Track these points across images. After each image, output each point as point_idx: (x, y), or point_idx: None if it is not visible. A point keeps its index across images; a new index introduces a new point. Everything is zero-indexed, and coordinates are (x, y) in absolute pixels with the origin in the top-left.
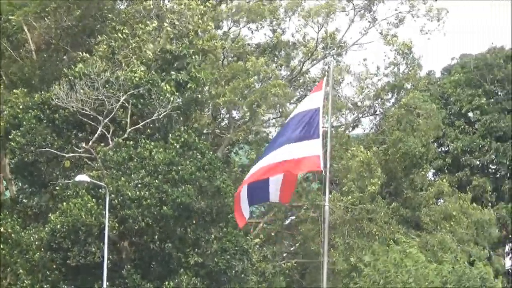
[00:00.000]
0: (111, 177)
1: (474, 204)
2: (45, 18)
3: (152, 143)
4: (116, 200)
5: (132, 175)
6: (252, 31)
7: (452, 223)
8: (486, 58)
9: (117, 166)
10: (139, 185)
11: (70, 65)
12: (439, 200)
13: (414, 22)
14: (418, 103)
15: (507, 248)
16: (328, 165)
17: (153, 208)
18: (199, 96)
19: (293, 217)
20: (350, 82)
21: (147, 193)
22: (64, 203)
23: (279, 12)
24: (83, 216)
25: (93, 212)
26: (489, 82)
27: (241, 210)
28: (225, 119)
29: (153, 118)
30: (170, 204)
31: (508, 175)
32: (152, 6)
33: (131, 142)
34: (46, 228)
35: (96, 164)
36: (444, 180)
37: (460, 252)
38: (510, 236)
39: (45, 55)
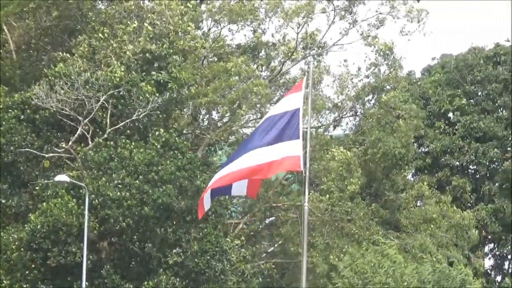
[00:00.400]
0: (92, 177)
1: (454, 206)
2: (25, 19)
3: (133, 143)
4: (96, 200)
5: (113, 175)
6: (232, 33)
7: (432, 226)
8: (467, 58)
9: (98, 166)
10: (120, 186)
11: (50, 65)
12: (418, 201)
13: (395, 24)
14: (397, 103)
15: (486, 249)
16: (308, 165)
17: (134, 208)
18: (179, 96)
19: (272, 218)
20: (332, 82)
21: (127, 193)
22: (44, 203)
23: (259, 12)
24: (63, 216)
25: (73, 212)
26: (469, 83)
27: (204, 209)
28: (205, 120)
29: (133, 118)
30: (151, 204)
31: (487, 175)
32: (133, 7)
33: (111, 142)
34: (26, 228)
35: (76, 164)
36: (424, 183)
37: (440, 254)
38: (489, 237)
39: (25, 55)
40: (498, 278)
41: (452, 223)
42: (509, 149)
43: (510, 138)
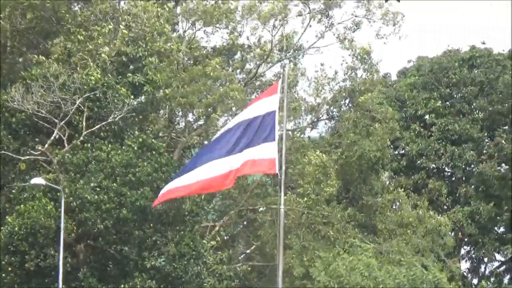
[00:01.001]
0: (69, 180)
1: (430, 211)
2: (0, 21)
3: (110, 146)
4: (74, 203)
5: (91, 178)
6: (207, 35)
7: (408, 231)
8: (442, 61)
9: (75, 169)
10: (97, 189)
11: (25, 67)
12: (394, 204)
13: (371, 27)
14: (374, 105)
15: (462, 251)
16: (283, 168)
17: (113, 211)
18: (155, 98)
19: (249, 220)
20: (308, 85)
21: (105, 197)
22: (22, 206)
23: (234, 15)
24: (42, 218)
25: (51, 215)
26: (444, 86)
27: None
28: (181, 122)
29: (109, 121)
30: (129, 207)
31: (463, 178)
32: (108, 9)
33: (88, 145)
34: (3, 230)
35: (53, 167)
36: (401, 189)
37: (414, 258)
38: (465, 240)
39: (0, 58)
40: (475, 281)
41: (428, 228)
42: (484, 151)
43: (485, 140)
